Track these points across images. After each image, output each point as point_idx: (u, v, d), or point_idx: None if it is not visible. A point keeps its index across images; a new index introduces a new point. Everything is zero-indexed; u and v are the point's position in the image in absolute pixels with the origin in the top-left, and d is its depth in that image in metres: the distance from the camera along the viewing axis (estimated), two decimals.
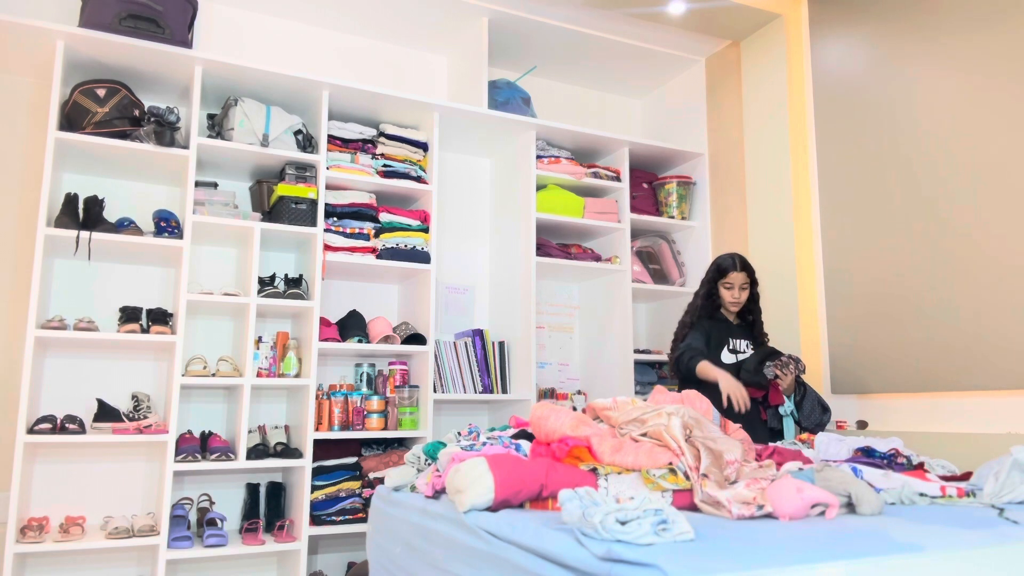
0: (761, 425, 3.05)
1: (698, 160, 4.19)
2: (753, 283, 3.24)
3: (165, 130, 3.02)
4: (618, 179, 4.01)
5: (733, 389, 2.85)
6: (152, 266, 3.37)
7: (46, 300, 3.04)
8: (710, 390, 2.86)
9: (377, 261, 3.41)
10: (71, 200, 3.02)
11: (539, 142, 3.89)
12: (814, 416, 3.05)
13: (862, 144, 3.37)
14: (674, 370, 3.15)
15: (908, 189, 3.15)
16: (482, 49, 3.71)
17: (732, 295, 3.20)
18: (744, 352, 3.19)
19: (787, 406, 3.08)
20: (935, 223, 3.04)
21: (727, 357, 3.18)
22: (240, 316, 3.32)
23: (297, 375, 3.23)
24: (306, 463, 3.13)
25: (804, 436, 2.72)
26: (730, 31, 3.92)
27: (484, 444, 2.08)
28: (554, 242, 3.96)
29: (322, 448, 3.30)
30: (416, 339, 3.47)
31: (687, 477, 1.59)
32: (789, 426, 3.08)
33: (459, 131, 3.81)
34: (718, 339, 3.19)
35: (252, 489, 3.28)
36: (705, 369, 2.97)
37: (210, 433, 3.24)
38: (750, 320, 3.29)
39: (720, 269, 3.23)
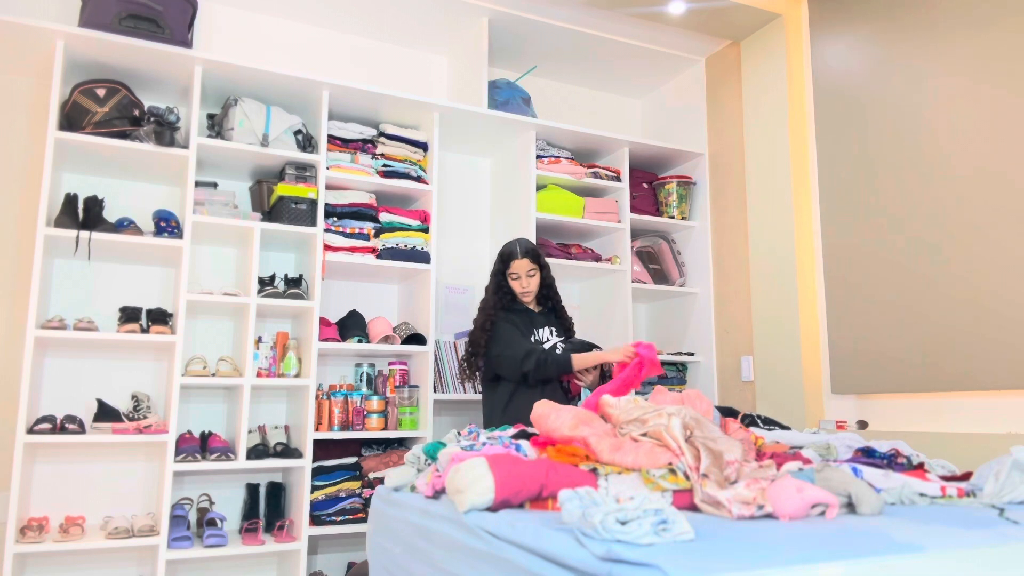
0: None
1: (698, 160, 4.19)
2: (542, 267, 3.07)
3: (165, 130, 3.02)
4: (618, 179, 4.01)
5: (622, 353, 2.75)
6: (152, 266, 3.37)
7: (46, 300, 3.04)
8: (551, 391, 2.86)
9: (377, 261, 3.41)
10: (71, 200, 3.02)
11: (539, 142, 3.89)
12: None
13: (862, 144, 3.37)
14: (526, 373, 2.87)
15: (908, 189, 3.15)
16: (482, 49, 3.71)
17: (520, 285, 3.03)
18: (550, 340, 3.04)
19: (584, 395, 2.98)
20: (935, 223, 3.04)
21: None
22: (240, 316, 3.32)
23: (297, 375, 3.23)
24: (306, 463, 3.13)
25: None
26: (730, 31, 3.92)
27: (484, 444, 2.07)
28: (554, 242, 3.96)
29: (322, 448, 3.30)
30: (416, 339, 3.46)
31: (687, 477, 1.59)
32: None
33: (459, 131, 3.81)
34: (522, 332, 3.00)
35: (252, 489, 3.28)
36: (582, 360, 2.83)
37: (210, 433, 3.24)
38: (551, 306, 3.13)
39: (503, 259, 3.05)
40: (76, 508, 3.10)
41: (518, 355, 2.89)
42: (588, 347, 3.03)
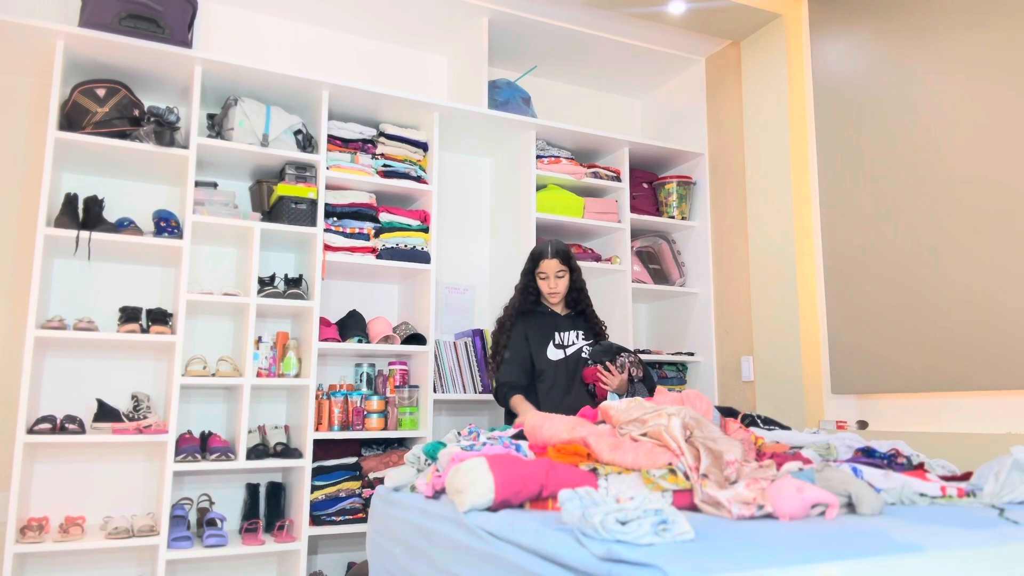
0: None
1: (698, 160, 4.19)
2: (572, 270, 3.03)
3: (165, 130, 3.02)
4: (618, 179, 4.01)
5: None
6: (152, 266, 3.37)
7: (46, 300, 3.04)
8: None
9: (377, 261, 3.41)
10: (71, 200, 3.02)
11: (539, 142, 3.89)
12: None
13: (862, 143, 3.37)
14: (495, 398, 3.02)
15: (908, 189, 3.15)
16: (482, 49, 3.71)
17: (548, 285, 3.00)
18: (575, 344, 3.01)
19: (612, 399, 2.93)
20: (935, 223, 3.04)
21: (554, 353, 2.98)
22: (240, 316, 3.32)
23: (297, 375, 3.23)
24: (306, 463, 3.13)
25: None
26: (730, 31, 3.92)
27: (484, 444, 2.07)
28: None
29: (322, 448, 3.30)
30: (416, 339, 3.46)
31: (687, 477, 1.59)
32: None
33: (459, 131, 3.81)
34: (541, 335, 2.99)
35: (252, 489, 3.28)
36: (516, 405, 2.86)
37: (210, 433, 3.24)
38: (580, 309, 3.10)
39: (533, 258, 3.02)
40: (76, 508, 3.10)
41: (496, 378, 3.00)
42: (616, 350, 2.98)
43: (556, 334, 3.02)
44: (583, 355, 3.02)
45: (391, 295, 3.86)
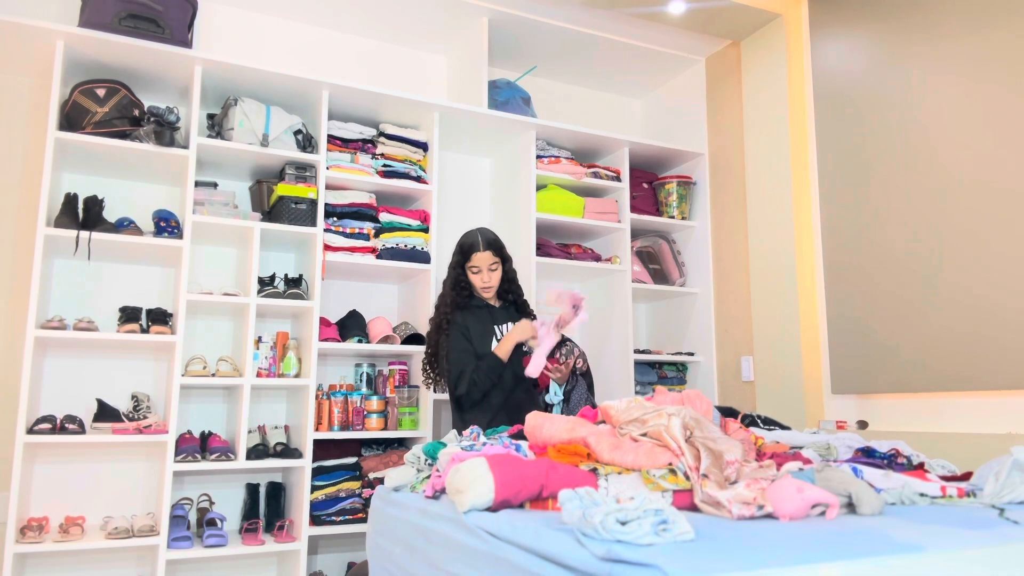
0: (537, 402, 2.90)
1: (698, 160, 4.19)
2: (504, 260, 2.87)
3: (165, 130, 3.02)
4: (618, 179, 4.01)
5: (526, 330, 2.58)
6: (152, 266, 3.37)
7: (46, 300, 3.04)
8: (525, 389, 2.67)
9: (377, 261, 3.41)
10: (71, 200, 3.02)
11: (539, 142, 3.89)
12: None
13: (862, 144, 3.37)
14: (459, 396, 2.76)
15: (908, 189, 3.15)
16: (482, 49, 3.71)
17: (481, 279, 2.82)
18: None
19: (553, 395, 2.85)
20: (935, 222, 3.04)
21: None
22: (240, 316, 3.32)
23: (297, 375, 3.23)
24: (306, 463, 3.13)
25: None
26: (730, 31, 3.92)
27: (484, 444, 2.07)
28: (554, 242, 3.96)
29: (322, 448, 3.30)
30: (416, 339, 3.46)
31: (687, 477, 1.59)
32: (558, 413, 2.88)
33: (459, 131, 3.81)
34: (481, 331, 2.81)
35: (252, 489, 3.28)
36: (502, 350, 2.65)
37: (210, 433, 3.24)
38: (511, 300, 2.95)
39: (462, 251, 2.83)
40: (76, 508, 3.10)
41: (453, 376, 2.75)
42: (561, 339, 2.92)
43: (496, 328, 2.87)
44: (524, 348, 2.89)
45: (391, 295, 3.86)
